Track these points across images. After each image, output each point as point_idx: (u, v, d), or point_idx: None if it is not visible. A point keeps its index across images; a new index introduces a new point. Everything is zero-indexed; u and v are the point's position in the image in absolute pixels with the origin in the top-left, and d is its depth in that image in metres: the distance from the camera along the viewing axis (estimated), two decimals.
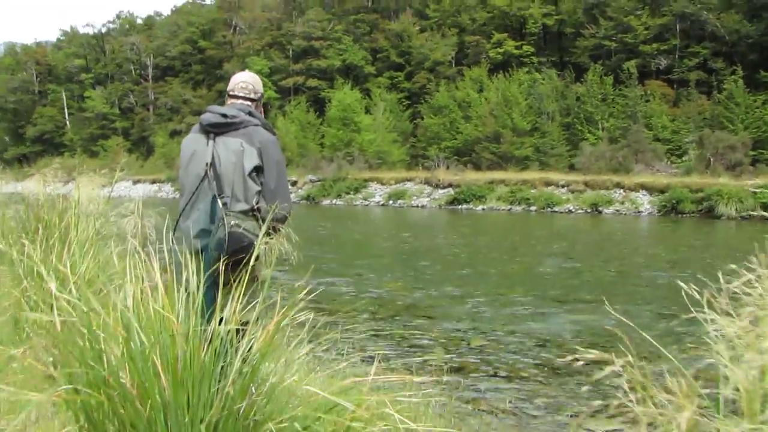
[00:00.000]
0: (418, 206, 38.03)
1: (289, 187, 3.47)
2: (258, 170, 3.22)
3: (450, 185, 38.42)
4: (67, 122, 74.78)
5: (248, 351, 2.59)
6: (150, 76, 71.40)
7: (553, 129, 43.70)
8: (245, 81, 3.50)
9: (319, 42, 58.32)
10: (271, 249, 3.17)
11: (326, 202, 41.63)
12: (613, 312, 8.34)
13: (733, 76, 40.46)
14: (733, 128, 37.77)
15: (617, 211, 31.09)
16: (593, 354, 6.65)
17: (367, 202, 40.26)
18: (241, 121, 3.27)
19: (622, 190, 32.46)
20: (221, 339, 2.50)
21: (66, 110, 75.09)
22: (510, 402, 5.67)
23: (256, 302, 2.97)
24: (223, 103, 3.57)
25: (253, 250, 2.87)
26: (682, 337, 7.88)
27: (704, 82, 43.73)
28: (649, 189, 31.64)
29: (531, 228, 24.71)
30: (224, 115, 3.27)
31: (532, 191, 34.65)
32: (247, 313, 2.96)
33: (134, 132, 68.91)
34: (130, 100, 71.69)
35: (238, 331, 2.86)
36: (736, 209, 27.13)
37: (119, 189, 55.59)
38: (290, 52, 60.49)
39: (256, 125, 3.30)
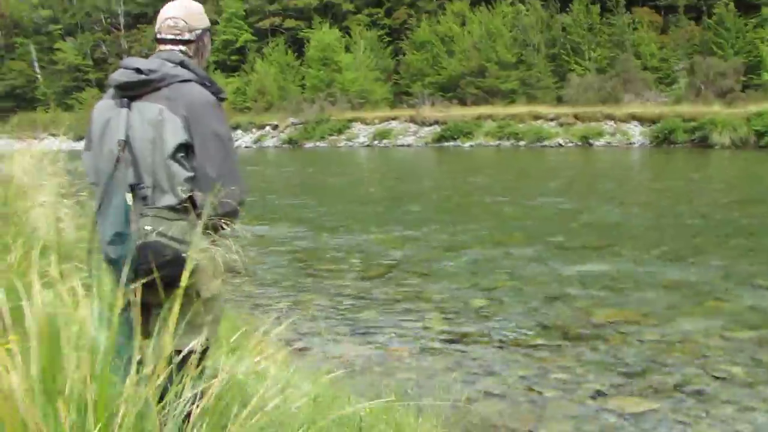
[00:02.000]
0: (403, 145, 37.10)
1: (238, 168, 2.38)
2: (187, 148, 2.25)
3: (436, 122, 37.43)
4: (39, 76, 72.32)
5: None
6: (122, 25, 68.84)
7: (539, 61, 42.45)
8: (174, 16, 2.44)
9: None
10: (215, 259, 2.29)
11: (309, 145, 40.58)
12: (619, 259, 7.67)
13: (723, 0, 39.18)
14: (723, 54, 36.72)
15: (608, 143, 30.37)
16: (606, 314, 5.95)
17: (351, 143, 39.27)
18: (162, 77, 2.26)
19: (612, 122, 31.66)
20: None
21: (36, 63, 72.50)
22: (521, 378, 5.00)
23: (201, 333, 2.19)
24: None
25: (186, 264, 2.07)
26: (700, 287, 7.27)
27: (693, 7, 42.41)
28: (640, 119, 30.85)
29: (522, 165, 23.98)
30: (138, 70, 2.27)
31: (521, 126, 33.76)
32: (185, 342, 2.18)
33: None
34: (103, 50, 69.27)
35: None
36: (730, 138, 26.46)
37: None
38: None
39: (186, 81, 2.30)
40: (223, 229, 2.30)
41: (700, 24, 41.03)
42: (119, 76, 2.29)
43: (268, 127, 44.91)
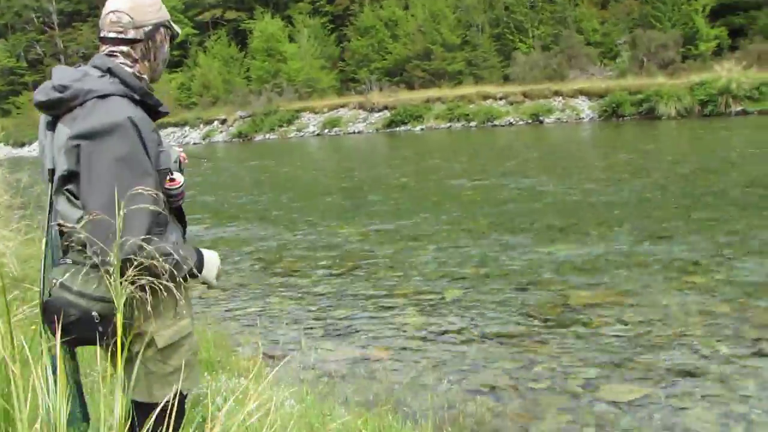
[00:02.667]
0: (354, 132, 36.88)
1: (140, 212, 1.81)
2: (77, 179, 1.87)
3: (385, 108, 37.33)
4: None
5: None
6: (56, 23, 66.46)
7: (483, 41, 42.62)
8: (117, 9, 2.03)
9: None
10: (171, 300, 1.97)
11: (259, 137, 40.02)
12: (587, 239, 7.63)
13: None
14: (662, 26, 37.38)
15: (558, 119, 30.70)
16: (583, 297, 5.88)
17: (301, 134, 38.87)
18: (74, 95, 1.89)
19: (560, 98, 32.01)
20: None
21: None
22: (508, 373, 4.88)
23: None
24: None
25: (102, 329, 1.82)
26: (671, 263, 7.28)
27: None
28: (588, 94, 31.30)
29: (475, 146, 23.99)
30: (54, 88, 1.92)
31: (470, 106, 33.87)
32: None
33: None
34: (38, 51, 66.80)
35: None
36: (675, 108, 26.99)
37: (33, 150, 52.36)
38: None
39: (103, 97, 1.89)
40: (164, 273, 1.85)
41: None
42: (37, 93, 1.95)
43: (216, 122, 44.14)
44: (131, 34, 2.04)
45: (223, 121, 43.70)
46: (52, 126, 1.94)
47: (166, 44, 2.17)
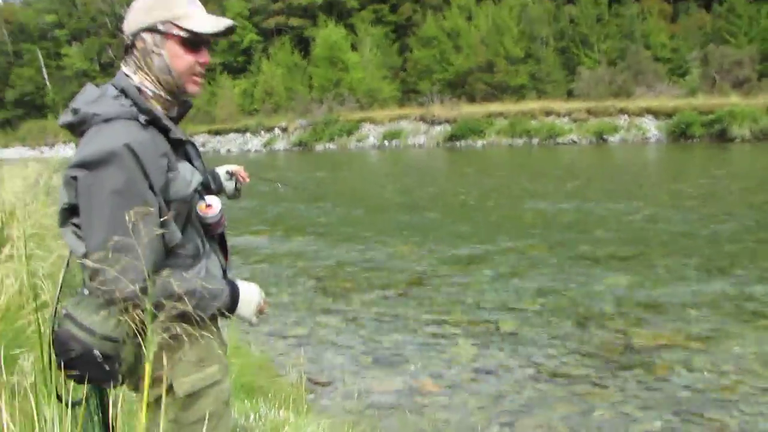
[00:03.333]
0: (414, 145, 36.74)
1: (143, 245, 1.63)
2: (76, 213, 1.72)
3: (446, 121, 37.08)
4: (47, 82, 72.45)
5: None
6: None
7: (548, 54, 42.00)
8: (126, 19, 1.87)
9: None
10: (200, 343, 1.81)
11: (319, 147, 40.31)
12: (652, 270, 7.22)
13: None
14: (737, 42, 36.07)
15: (623, 139, 29.85)
16: (647, 337, 5.51)
17: (361, 144, 38.96)
18: (82, 120, 1.75)
19: (626, 116, 31.12)
20: None
21: (44, 69, 72.57)
22: (564, 419, 4.60)
23: None
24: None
25: (107, 368, 1.69)
26: (745, 303, 6.84)
27: None
28: (655, 113, 30.31)
29: (537, 164, 23.52)
30: (71, 110, 1.78)
31: (533, 122, 33.32)
32: None
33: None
34: (110, 55, 69.19)
35: None
36: (750, 130, 25.86)
37: None
38: None
39: (108, 120, 1.71)
40: (198, 320, 1.72)
41: (710, 12, 40.37)
42: (61, 115, 1.81)
43: (277, 129, 44.69)
44: (127, 42, 1.86)
45: (284, 129, 44.20)
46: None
47: (162, 50, 1.82)
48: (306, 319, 7.25)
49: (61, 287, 1.84)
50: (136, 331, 1.66)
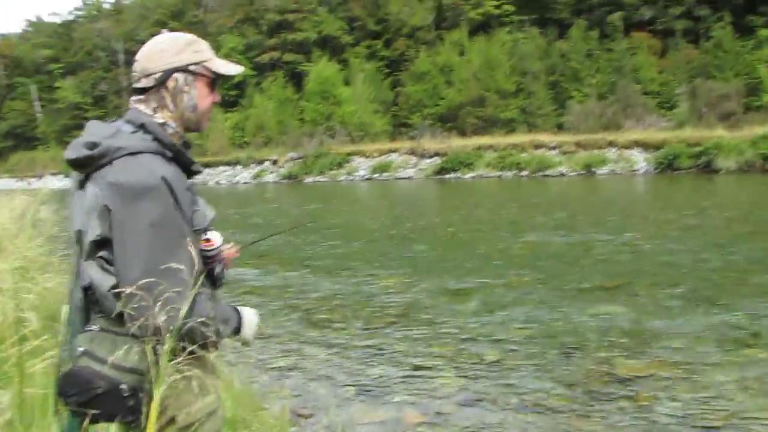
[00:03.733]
0: (404, 178, 36.91)
1: (188, 269, 1.71)
2: (110, 245, 1.73)
3: (436, 154, 37.34)
4: (38, 115, 72.93)
5: None
6: (122, 62, 69.41)
7: (538, 89, 42.54)
8: (135, 59, 1.98)
9: (293, 15, 56.65)
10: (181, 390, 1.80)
11: (309, 179, 40.42)
12: (638, 301, 7.22)
13: (720, 23, 39.25)
14: (723, 76, 36.67)
15: (612, 171, 30.12)
16: (631, 367, 5.50)
17: (351, 177, 39.11)
18: (103, 153, 1.76)
19: (615, 149, 31.47)
20: None
21: (38, 102, 73.19)
22: None
23: None
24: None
25: (127, 404, 1.68)
26: (728, 333, 6.85)
27: (691, 30, 42.62)
28: (644, 145, 30.69)
29: (525, 196, 23.63)
30: (84, 144, 1.80)
31: (523, 155, 33.60)
32: None
33: (109, 121, 67.21)
34: (102, 88, 69.74)
35: None
36: (736, 162, 26.17)
37: None
38: (264, 27, 58.65)
39: (133, 154, 1.76)
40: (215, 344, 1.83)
41: (698, 47, 41.07)
42: (69, 150, 1.82)
43: (267, 162, 44.87)
44: (142, 83, 1.92)
45: (275, 162, 44.39)
46: (81, 185, 1.83)
47: (193, 90, 1.94)
48: (291, 351, 7.20)
49: (67, 326, 1.83)
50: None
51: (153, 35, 2.03)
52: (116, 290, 1.68)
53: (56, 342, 4.65)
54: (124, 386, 1.67)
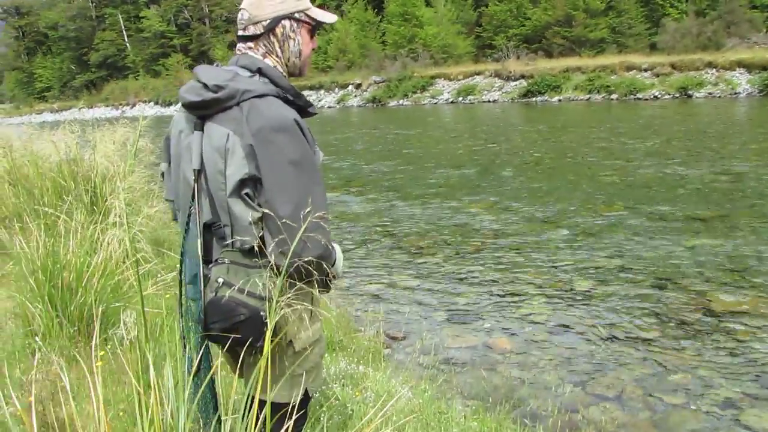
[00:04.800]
0: (489, 101, 36.20)
1: (323, 202, 1.91)
2: (254, 182, 1.86)
3: (522, 76, 36.31)
4: (127, 44, 75.05)
5: None
6: None
7: (630, 6, 40.21)
8: (242, 6, 2.04)
9: None
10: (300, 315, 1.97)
11: (393, 103, 40.23)
12: (737, 232, 7.00)
13: None
14: None
15: (710, 94, 28.49)
16: (728, 302, 5.40)
17: (435, 101, 38.65)
18: (230, 95, 1.86)
19: (714, 70, 29.64)
20: None
21: (125, 32, 75.21)
22: (637, 381, 4.60)
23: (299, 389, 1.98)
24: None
25: (264, 330, 1.83)
26: None
27: None
28: (748, 66, 28.69)
29: (616, 120, 22.81)
30: (205, 86, 1.89)
31: (612, 77, 32.22)
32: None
33: (193, 48, 68.55)
34: (186, 16, 70.78)
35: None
36: None
37: None
38: None
39: (261, 96, 1.87)
40: (327, 285, 2.00)
41: None
42: (187, 93, 1.92)
43: (350, 86, 44.82)
44: (250, 30, 2.02)
45: (358, 86, 44.28)
46: (199, 126, 1.92)
47: (298, 36, 2.05)
48: (382, 277, 7.40)
49: (201, 258, 1.94)
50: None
51: None
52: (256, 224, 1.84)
53: (165, 266, 4.94)
54: (263, 313, 1.82)
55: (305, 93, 46.67)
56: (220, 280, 1.85)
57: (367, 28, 50.53)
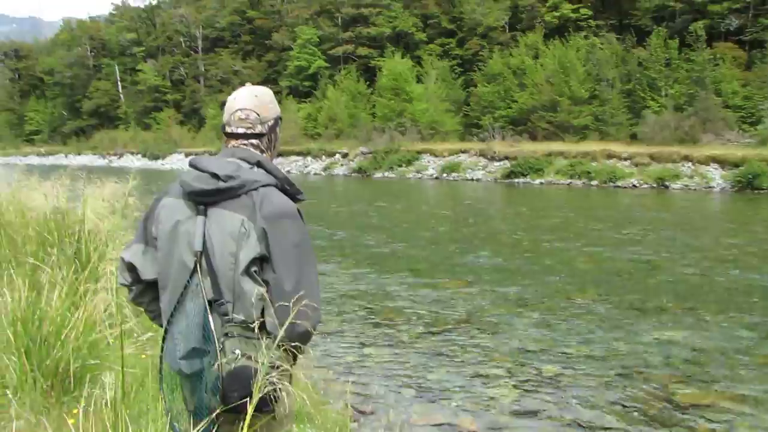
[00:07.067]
0: (473, 180, 36.83)
1: (317, 282, 2.16)
2: (261, 261, 2.08)
3: (506, 157, 37.07)
4: (121, 95, 76.09)
5: None
6: (200, 48, 71.65)
7: (613, 97, 41.54)
8: (244, 107, 2.26)
9: (368, 9, 57.09)
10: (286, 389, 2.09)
11: (378, 175, 40.77)
12: (704, 326, 7.16)
13: None
14: None
15: (686, 186, 29.29)
16: (691, 395, 5.52)
17: (420, 175, 39.26)
18: (241, 184, 2.08)
19: (690, 164, 30.56)
20: None
21: (119, 84, 76.38)
22: None
23: None
24: (266, 80, 2.39)
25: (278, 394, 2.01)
26: None
27: None
28: (721, 162, 29.66)
29: (594, 207, 23.33)
30: (215, 176, 2.10)
31: (593, 164, 33.03)
32: None
33: (186, 104, 69.51)
34: (181, 72, 72.13)
35: None
36: None
37: (172, 162, 55.91)
38: (339, 20, 59.42)
39: (265, 186, 2.13)
40: (295, 356, 2.13)
41: None
42: (194, 182, 2.10)
43: (338, 155, 45.46)
44: (258, 129, 2.28)
45: (345, 155, 44.92)
46: (203, 212, 2.09)
47: (280, 134, 2.41)
48: (353, 349, 7.48)
49: (208, 327, 2.05)
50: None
51: (232, 23, 2.45)
52: (270, 299, 2.06)
53: (144, 328, 4.99)
54: (275, 379, 1.97)
55: (293, 159, 47.39)
56: (237, 351, 1.98)
57: (358, 99, 51.61)
